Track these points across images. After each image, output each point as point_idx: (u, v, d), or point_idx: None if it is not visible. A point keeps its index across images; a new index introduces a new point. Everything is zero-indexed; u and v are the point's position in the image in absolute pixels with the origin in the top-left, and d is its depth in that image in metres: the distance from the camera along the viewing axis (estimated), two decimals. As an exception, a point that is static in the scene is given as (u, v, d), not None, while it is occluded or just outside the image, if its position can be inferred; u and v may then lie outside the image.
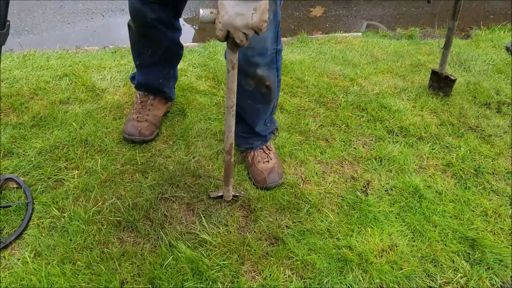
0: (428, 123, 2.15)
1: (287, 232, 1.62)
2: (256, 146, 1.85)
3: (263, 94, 1.63)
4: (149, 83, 1.98)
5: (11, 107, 2.07)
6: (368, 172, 1.90)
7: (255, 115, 1.75)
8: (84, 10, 3.46)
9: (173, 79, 2.05)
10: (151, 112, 1.98)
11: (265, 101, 1.67)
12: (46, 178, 1.74)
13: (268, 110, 1.76)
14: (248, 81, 1.57)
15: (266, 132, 1.85)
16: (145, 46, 1.85)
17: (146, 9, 1.68)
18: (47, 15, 3.34)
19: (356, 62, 2.70)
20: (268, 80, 1.57)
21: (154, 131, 1.96)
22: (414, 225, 1.69)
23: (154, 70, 1.93)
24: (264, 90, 1.60)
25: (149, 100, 2.01)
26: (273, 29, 1.48)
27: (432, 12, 3.92)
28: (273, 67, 1.57)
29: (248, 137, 1.83)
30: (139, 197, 1.68)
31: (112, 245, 1.52)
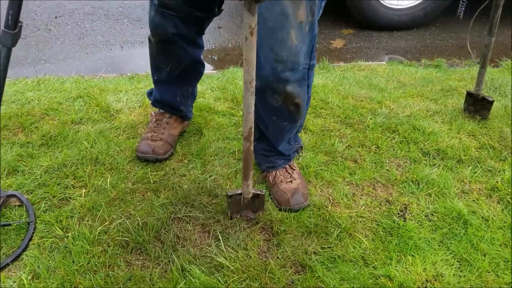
0: (467, 146, 1.97)
1: (315, 258, 1.43)
2: (278, 165, 1.69)
3: (290, 112, 1.49)
4: (166, 100, 1.87)
5: (20, 127, 1.97)
6: (404, 196, 1.71)
7: (279, 134, 1.61)
8: (103, 42, 3.45)
9: (191, 98, 1.94)
10: (166, 131, 1.86)
11: (292, 119, 1.54)
12: (51, 196, 1.60)
13: (293, 129, 1.62)
14: (276, 97, 1.43)
15: (290, 151, 1.70)
16: (164, 62, 1.75)
17: (167, 24, 1.57)
18: (66, 46, 3.34)
19: (382, 86, 2.57)
20: (298, 97, 1.44)
21: (168, 150, 1.83)
22: (460, 254, 1.47)
23: (173, 87, 1.83)
24: (292, 107, 1.47)
25: (164, 118, 1.89)
26: (307, 43, 1.35)
27: (458, 45, 3.81)
28: (304, 83, 1.44)
29: (269, 156, 1.68)
30: (150, 216, 1.52)
31: (118, 268, 1.35)
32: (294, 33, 1.29)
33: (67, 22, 3.71)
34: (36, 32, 3.51)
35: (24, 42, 3.34)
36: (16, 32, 1.25)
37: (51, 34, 3.50)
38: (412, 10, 3.88)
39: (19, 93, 2.26)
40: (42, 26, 3.62)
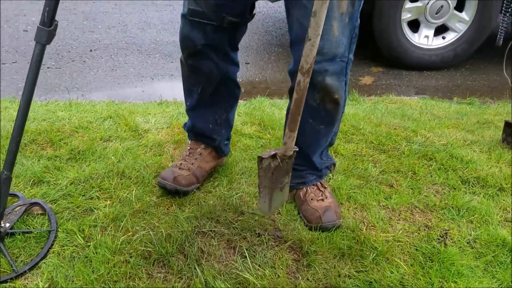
0: (508, 175, 1.86)
1: (350, 282, 1.32)
2: (309, 182, 1.61)
3: (328, 112, 1.44)
4: (198, 127, 1.75)
5: (49, 142, 1.97)
6: (444, 222, 1.60)
7: (314, 141, 1.53)
8: (134, 74, 3.52)
9: (226, 126, 1.76)
10: (197, 162, 1.72)
11: (329, 121, 1.48)
12: (75, 206, 1.55)
13: (329, 134, 1.55)
14: (314, 94, 1.38)
15: (322, 165, 1.62)
16: (195, 82, 1.65)
17: (196, 34, 1.49)
18: (99, 76, 3.41)
19: (416, 117, 2.50)
20: (337, 93, 1.39)
21: (193, 183, 1.68)
22: (507, 282, 1.35)
23: (205, 112, 1.71)
24: (330, 105, 1.42)
25: (199, 148, 1.76)
26: (347, 34, 1.32)
27: (489, 85, 3.74)
28: (342, 78, 1.39)
29: (301, 170, 1.60)
30: (173, 229, 1.45)
31: (139, 279, 1.27)
32: (336, 24, 1.27)
33: (101, 55, 3.82)
34: (70, 63, 3.62)
35: (58, 71, 3.44)
36: (51, 29, 1.25)
37: (85, 65, 3.60)
38: (442, 50, 3.85)
39: (51, 112, 2.28)
40: (77, 58, 3.73)
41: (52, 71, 3.45)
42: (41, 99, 2.80)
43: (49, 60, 3.64)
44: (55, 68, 3.50)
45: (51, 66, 3.54)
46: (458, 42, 3.80)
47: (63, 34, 4.18)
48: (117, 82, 3.34)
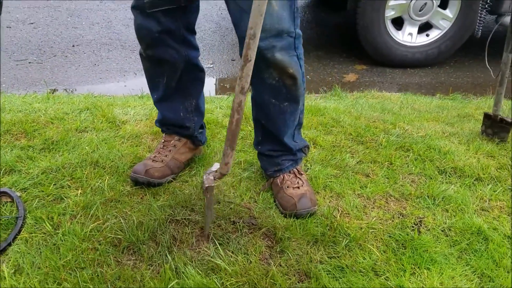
0: (486, 165, 1.86)
1: (321, 267, 1.31)
2: (285, 168, 1.60)
3: (288, 88, 1.44)
4: (168, 118, 1.72)
5: (23, 132, 1.93)
6: (419, 210, 1.59)
7: (282, 121, 1.52)
8: (117, 69, 3.49)
9: (197, 114, 1.74)
10: (170, 154, 1.70)
11: (291, 97, 1.48)
12: (45, 195, 1.53)
13: (295, 113, 1.54)
14: (271, 72, 1.40)
15: (296, 147, 1.61)
16: (159, 74, 1.61)
17: (150, 22, 1.46)
18: (80, 71, 3.38)
19: (396, 111, 2.51)
20: (291, 67, 1.40)
21: (166, 175, 1.65)
22: (481, 269, 1.34)
23: (174, 102, 1.68)
24: (288, 81, 1.42)
25: (172, 140, 1.74)
26: (287, 8, 1.33)
27: (473, 83, 3.76)
28: (293, 53, 1.40)
29: (276, 156, 1.60)
30: (146, 217, 1.43)
31: (107, 266, 1.25)
32: (274, 1, 1.28)
33: (84, 51, 3.79)
34: (52, 58, 3.58)
35: (40, 66, 3.40)
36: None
37: (66, 60, 3.56)
38: (426, 48, 3.87)
39: (27, 104, 2.25)
40: (59, 53, 3.70)
41: (34, 65, 3.41)
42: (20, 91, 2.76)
43: (31, 55, 3.60)
44: (36, 63, 3.46)
45: (32, 61, 3.50)
46: (442, 39, 3.82)
47: (46, 30, 4.14)
48: (99, 77, 3.31)
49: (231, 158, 1.25)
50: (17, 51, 3.66)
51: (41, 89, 2.96)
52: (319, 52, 4.08)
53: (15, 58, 3.51)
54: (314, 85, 3.42)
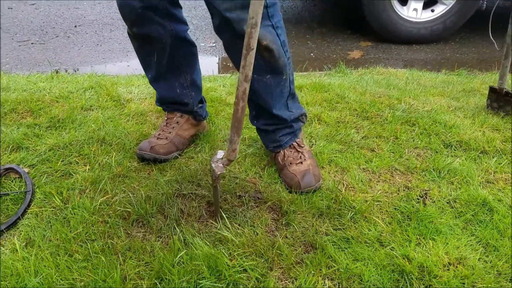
0: (491, 138, 1.86)
1: (327, 238, 1.33)
2: (285, 143, 1.60)
3: (266, 60, 1.38)
4: (166, 97, 1.72)
5: (29, 111, 1.94)
6: (424, 183, 1.60)
7: (268, 94, 1.48)
8: (120, 49, 3.48)
9: (194, 89, 1.72)
10: (174, 131, 1.71)
11: (272, 69, 1.41)
12: (53, 171, 1.55)
13: (281, 84, 1.48)
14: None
15: (291, 117, 1.57)
16: (148, 51, 1.59)
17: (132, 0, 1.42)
18: (83, 51, 3.37)
19: (401, 86, 2.49)
20: (264, 39, 1.31)
21: (172, 152, 1.67)
22: (486, 239, 1.35)
23: (169, 80, 1.67)
24: (265, 54, 1.36)
25: (175, 117, 1.75)
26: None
27: (478, 58, 3.72)
28: (266, 24, 1.32)
29: (271, 131, 1.57)
30: (154, 191, 1.45)
31: (118, 238, 1.27)
32: None
33: (86, 31, 3.77)
34: (54, 39, 3.57)
35: (42, 47, 3.40)
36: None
37: (69, 41, 3.55)
38: (431, 23, 3.83)
39: (32, 83, 2.26)
40: (61, 33, 3.68)
41: (36, 46, 3.40)
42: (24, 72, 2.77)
43: (33, 36, 3.59)
44: (39, 44, 3.45)
45: (35, 42, 3.49)
46: (447, 15, 3.78)
47: (48, 11, 4.12)
48: (101, 57, 3.30)
49: (237, 144, 1.25)
50: (19, 32, 3.64)
51: (44, 69, 2.96)
52: (323, 29, 4.04)
53: (17, 39, 3.50)
54: (318, 63, 3.40)
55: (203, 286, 1.12)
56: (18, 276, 1.11)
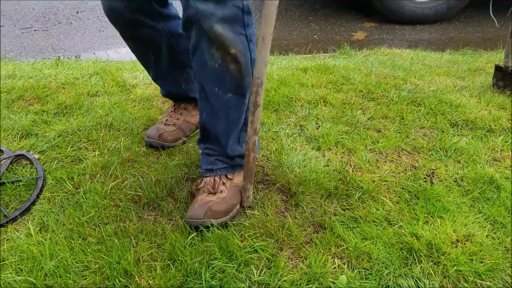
0: (498, 117, 1.86)
1: (335, 219, 1.34)
2: (217, 170, 1.37)
3: (231, 74, 1.22)
4: (172, 94, 1.69)
5: (36, 98, 1.95)
6: (431, 162, 1.61)
7: (224, 116, 1.30)
8: (124, 34, 3.46)
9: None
10: (182, 117, 1.69)
11: (235, 88, 1.25)
12: (63, 157, 1.56)
13: (240, 108, 1.31)
14: (213, 53, 1.18)
15: (238, 153, 1.37)
16: (144, 52, 1.54)
17: (118, 4, 1.35)
18: (86, 37, 3.36)
19: (406, 67, 2.49)
20: (233, 46, 1.17)
21: (179, 138, 1.66)
22: (493, 216, 1.37)
23: (171, 77, 1.62)
24: (231, 65, 1.20)
25: (183, 104, 1.72)
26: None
27: (483, 37, 3.69)
28: (239, 31, 1.18)
29: (212, 155, 1.37)
30: (163, 175, 1.46)
31: (130, 221, 1.29)
32: None
33: (88, 17, 3.75)
34: (57, 25, 3.56)
35: (45, 33, 3.39)
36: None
37: (71, 27, 3.54)
38: (435, 3, 3.79)
39: (37, 70, 2.26)
40: (63, 20, 3.67)
41: (39, 33, 3.40)
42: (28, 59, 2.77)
43: (36, 23, 3.58)
44: (42, 31, 3.44)
45: (37, 28, 3.48)
46: (451, -7, 3.74)
47: None
48: (105, 43, 3.30)
49: (251, 191, 1.35)
50: (22, 19, 3.63)
51: (48, 56, 2.96)
52: (326, 11, 4.01)
53: (20, 26, 3.49)
54: (322, 45, 3.38)
55: (215, 266, 1.14)
56: (34, 260, 1.13)
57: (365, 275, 1.17)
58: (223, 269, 1.14)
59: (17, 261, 1.14)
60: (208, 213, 1.26)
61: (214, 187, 1.34)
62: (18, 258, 1.15)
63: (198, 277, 1.12)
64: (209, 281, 1.11)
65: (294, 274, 1.15)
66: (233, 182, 1.38)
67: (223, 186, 1.36)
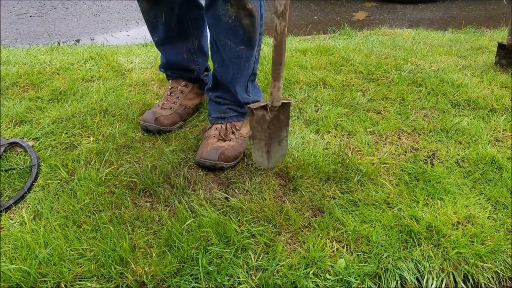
0: (500, 96, 1.82)
1: (334, 202, 1.32)
2: (228, 118, 1.52)
3: (244, 28, 1.32)
4: (172, 61, 1.67)
5: (30, 84, 1.92)
6: (432, 143, 1.58)
7: (236, 67, 1.41)
8: (119, 18, 3.41)
9: (200, 55, 1.68)
10: (178, 100, 1.69)
11: (247, 40, 1.35)
12: (58, 143, 1.54)
13: (250, 59, 1.42)
14: (227, 9, 1.28)
15: (246, 100, 1.51)
16: (156, 12, 1.54)
17: None
18: (82, 22, 3.32)
19: (407, 47, 2.44)
20: (250, 2, 1.27)
21: (175, 122, 1.66)
22: (495, 197, 1.34)
23: (176, 43, 1.62)
24: (246, 20, 1.30)
25: (179, 86, 1.71)
26: None
27: (486, 15, 3.62)
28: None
29: (223, 104, 1.51)
30: (159, 161, 1.44)
31: (125, 208, 1.27)
32: None
33: (84, 1, 3.70)
34: (53, 10, 3.50)
35: (41, 19, 3.34)
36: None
37: (67, 12, 3.49)
38: (437, -20, 3.72)
39: (32, 56, 2.22)
40: (59, 5, 3.62)
41: (35, 19, 3.35)
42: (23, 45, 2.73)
43: (31, 9, 3.53)
44: (37, 16, 3.40)
45: (33, 14, 3.43)
46: (454, -29, 3.66)
47: (44, -18, 4.03)
48: (101, 27, 3.25)
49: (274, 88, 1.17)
50: (17, 5, 3.58)
51: (44, 42, 2.92)
52: (326, -9, 3.94)
53: (15, 12, 3.44)
54: (322, 26, 3.32)
55: (212, 252, 1.12)
56: (28, 248, 1.12)
57: (364, 259, 1.15)
58: (220, 255, 1.13)
59: (11, 250, 1.12)
60: (221, 156, 1.42)
61: (225, 134, 1.49)
62: (12, 247, 1.13)
63: (195, 263, 1.10)
64: (206, 267, 1.09)
65: (292, 258, 1.14)
66: (241, 133, 1.54)
67: (233, 135, 1.51)
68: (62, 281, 1.05)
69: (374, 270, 1.11)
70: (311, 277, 1.09)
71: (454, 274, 1.13)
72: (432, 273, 1.13)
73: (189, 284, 1.06)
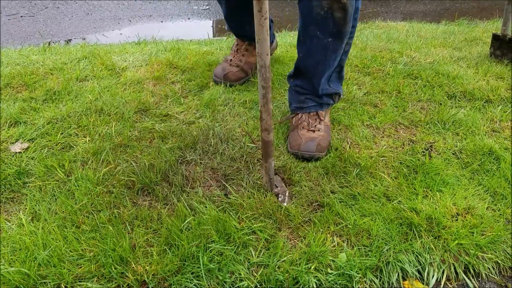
0: (496, 87, 1.83)
1: (334, 196, 1.32)
2: (307, 108, 1.55)
3: (335, 21, 1.33)
4: (235, 31, 1.89)
5: (24, 85, 1.90)
6: (429, 135, 1.58)
7: (322, 58, 1.43)
8: (111, 17, 3.39)
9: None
10: (244, 58, 1.91)
11: (337, 32, 1.37)
12: (53, 144, 1.52)
13: (338, 51, 1.44)
14: (321, 1, 1.29)
15: (323, 92, 1.53)
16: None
17: None
18: (73, 22, 3.29)
19: (402, 39, 2.44)
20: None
21: (241, 78, 1.90)
22: (493, 188, 1.35)
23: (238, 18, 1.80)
24: (338, 14, 1.31)
25: (244, 45, 1.91)
26: None
27: (479, 7, 3.63)
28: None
29: (302, 93, 1.54)
30: (157, 159, 1.43)
31: (124, 207, 1.26)
32: None
33: (75, 0, 3.67)
34: (44, 10, 3.47)
35: (32, 19, 3.31)
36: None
37: (59, 11, 3.45)
38: (429, -27, 3.71)
39: (24, 56, 2.20)
40: (50, 4, 3.59)
41: (26, 19, 3.32)
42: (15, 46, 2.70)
43: (22, 9, 3.49)
44: (28, 17, 3.36)
45: (24, 14, 3.40)
46: (446, -37, 3.66)
47: (34, -19, 3.99)
48: (93, 26, 3.23)
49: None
50: (7, 5, 3.54)
51: (36, 42, 2.89)
52: (318, -14, 3.93)
53: (6, 13, 3.41)
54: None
55: (213, 249, 1.12)
56: (27, 250, 1.11)
57: (365, 252, 1.15)
58: (221, 252, 1.12)
59: (9, 252, 1.11)
60: (318, 147, 1.45)
61: (312, 125, 1.52)
62: (10, 249, 1.12)
63: (196, 261, 1.10)
64: (207, 265, 1.09)
65: (293, 254, 1.13)
66: (325, 122, 1.57)
67: (320, 124, 1.53)
68: (62, 283, 1.04)
69: (375, 263, 1.11)
70: (312, 272, 1.08)
71: (455, 265, 1.13)
72: (433, 265, 1.13)
73: (191, 282, 1.05)
